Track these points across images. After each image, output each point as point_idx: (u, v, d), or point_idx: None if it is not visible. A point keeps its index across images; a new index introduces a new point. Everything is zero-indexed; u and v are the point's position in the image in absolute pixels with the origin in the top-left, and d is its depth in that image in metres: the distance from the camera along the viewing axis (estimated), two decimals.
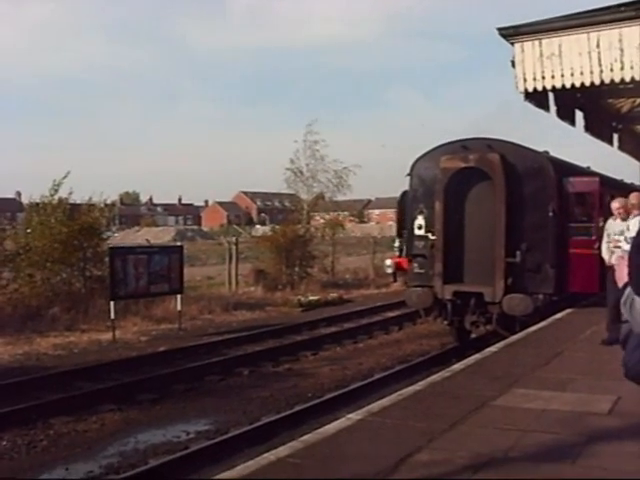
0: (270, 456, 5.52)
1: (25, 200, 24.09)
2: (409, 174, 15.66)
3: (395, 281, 20.29)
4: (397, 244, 19.91)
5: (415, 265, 15.05)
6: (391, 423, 6.42)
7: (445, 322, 14.82)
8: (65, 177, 21.34)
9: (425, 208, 14.92)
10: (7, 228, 21.62)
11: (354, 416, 6.67)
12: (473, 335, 15.07)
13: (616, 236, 10.04)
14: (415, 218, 15.11)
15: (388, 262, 19.70)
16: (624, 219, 9.99)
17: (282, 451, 5.64)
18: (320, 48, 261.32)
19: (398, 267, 19.56)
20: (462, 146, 14.59)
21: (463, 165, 14.29)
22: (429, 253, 14.66)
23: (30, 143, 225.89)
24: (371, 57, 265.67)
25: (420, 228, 15.01)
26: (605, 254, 10.51)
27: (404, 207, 19.89)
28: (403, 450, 5.51)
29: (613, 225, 10.39)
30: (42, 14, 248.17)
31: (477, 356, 9.83)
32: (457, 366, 9.05)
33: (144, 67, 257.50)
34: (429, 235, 14.73)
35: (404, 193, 21.32)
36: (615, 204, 10.36)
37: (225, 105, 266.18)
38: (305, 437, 6.05)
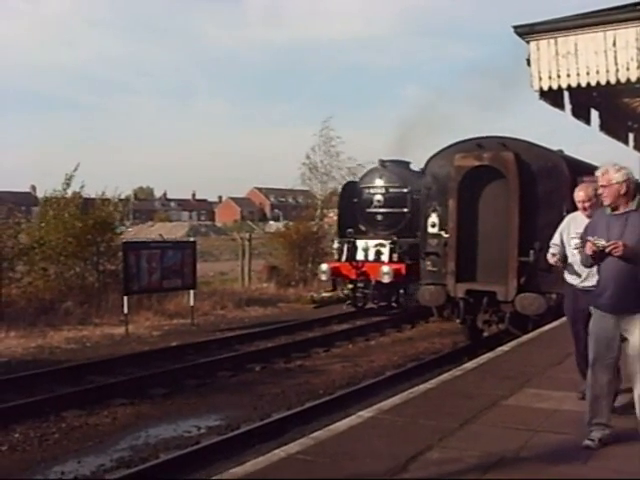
0: (280, 452, 5.53)
1: (40, 194, 24.14)
2: (423, 172, 15.64)
3: (334, 289, 19.76)
4: (336, 245, 19.52)
5: (428, 263, 15.01)
6: (402, 421, 6.42)
7: (457, 320, 14.78)
8: (75, 170, 21.44)
9: (439, 206, 14.89)
10: (22, 222, 21.69)
11: (365, 413, 6.67)
12: (485, 334, 15.04)
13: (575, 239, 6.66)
14: (429, 216, 15.08)
15: (324, 267, 19.05)
16: (590, 216, 6.50)
17: (293, 447, 5.64)
18: (336, 45, 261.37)
19: (336, 273, 19.03)
20: (476, 144, 14.54)
21: (477, 163, 14.24)
22: (442, 251, 14.62)
23: (45, 137, 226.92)
24: (387, 54, 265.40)
25: (433, 226, 14.98)
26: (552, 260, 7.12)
27: (347, 202, 19.74)
28: (414, 448, 5.50)
29: (575, 222, 6.93)
30: (58, 9, 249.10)
31: (489, 355, 9.81)
32: (469, 365, 9.03)
33: (160, 63, 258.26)
34: (442, 233, 14.70)
35: (347, 185, 20.36)
36: (580, 193, 6.98)
37: (240, 101, 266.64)
38: (316, 434, 6.05)
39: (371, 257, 18.75)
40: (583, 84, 11.13)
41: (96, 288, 20.04)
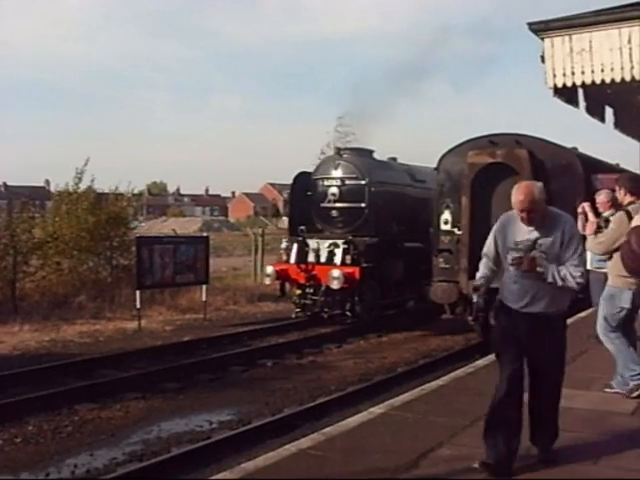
0: (292, 447, 5.55)
1: (54, 189, 24.26)
2: (436, 168, 15.62)
3: (283, 294, 17.33)
4: (284, 245, 17.10)
5: (441, 260, 14.99)
6: (413, 418, 6.43)
7: (469, 318, 14.74)
8: (86, 165, 21.53)
9: (452, 203, 14.87)
10: (36, 216, 21.80)
11: (376, 410, 6.68)
12: None
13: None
14: (442, 213, 15.05)
15: (268, 269, 16.89)
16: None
17: (304, 443, 5.66)
18: (352, 40, 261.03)
19: (282, 276, 16.71)
20: (490, 141, 14.52)
21: (491, 160, 14.21)
22: (455, 248, 14.60)
23: (61, 132, 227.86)
24: (404, 49, 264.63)
25: (446, 223, 14.95)
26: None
27: (299, 196, 17.52)
28: (424, 445, 5.51)
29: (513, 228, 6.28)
30: (76, 4, 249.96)
31: None
32: (481, 362, 9.01)
33: (175, 59, 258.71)
34: (455, 230, 14.68)
35: (299, 176, 17.81)
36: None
37: (256, 97, 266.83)
38: (327, 429, 6.07)
39: (323, 259, 16.37)
40: (597, 81, 11.10)
41: (109, 283, 20.15)
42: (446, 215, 14.97)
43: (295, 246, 16.64)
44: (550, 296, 4.95)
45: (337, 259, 16.07)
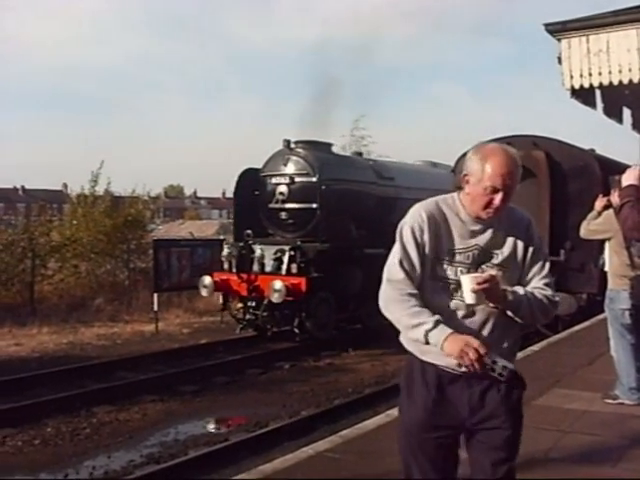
0: (309, 450, 5.55)
1: (71, 192, 24.48)
2: (453, 170, 15.56)
3: (225, 309, 15.37)
4: (226, 252, 14.97)
5: None
6: None
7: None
8: (101, 168, 21.68)
9: None
10: (53, 219, 21.97)
11: (394, 412, 6.65)
12: None
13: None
14: None
15: (205, 280, 14.64)
16: None
17: (321, 445, 5.66)
18: (365, 43, 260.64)
19: (222, 288, 14.76)
20: (507, 143, 14.38)
21: None
22: None
23: (77, 135, 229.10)
24: (418, 52, 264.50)
25: None
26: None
27: (246, 195, 15.59)
28: None
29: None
30: (92, 7, 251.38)
31: (519, 355, 9.72)
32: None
33: (191, 61, 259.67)
34: None
35: (245, 173, 15.91)
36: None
37: (271, 99, 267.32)
38: (344, 432, 6.07)
39: (269, 267, 14.41)
40: (615, 82, 11.03)
41: (127, 285, 20.26)
42: None
43: (238, 253, 14.74)
44: (512, 340, 3.08)
45: (283, 268, 14.25)
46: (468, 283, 2.90)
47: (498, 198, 2.98)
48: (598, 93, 12.24)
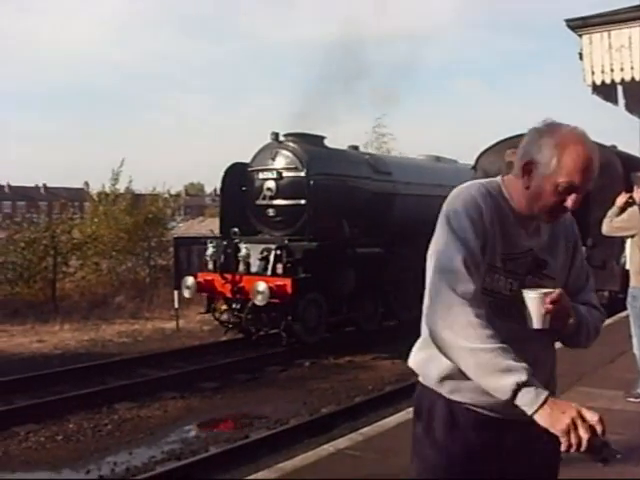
0: (329, 447, 5.56)
1: (93, 191, 24.68)
2: (474, 167, 15.51)
3: (208, 312, 14.65)
4: (210, 251, 14.14)
5: None
6: None
7: None
8: (121, 166, 21.81)
9: None
10: (75, 217, 22.14)
11: None
12: None
13: None
14: None
15: (188, 281, 13.92)
16: None
17: (341, 443, 5.67)
18: (387, 39, 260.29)
19: (206, 289, 14.07)
20: None
21: None
22: None
23: (99, 135, 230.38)
24: (439, 48, 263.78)
25: None
26: None
27: (233, 191, 14.91)
28: None
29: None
30: (115, 8, 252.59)
31: None
32: None
33: (213, 61, 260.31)
34: None
35: (232, 167, 15.11)
36: None
37: (293, 98, 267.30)
38: (365, 429, 6.07)
39: (255, 267, 13.57)
40: (637, 78, 10.94)
41: (147, 283, 20.35)
42: None
43: (223, 252, 14.03)
44: (552, 358, 2.58)
45: (269, 268, 13.44)
46: (537, 303, 2.23)
47: (572, 200, 2.25)
48: (620, 89, 12.15)
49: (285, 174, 14.13)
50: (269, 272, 13.31)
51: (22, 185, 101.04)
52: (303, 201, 13.76)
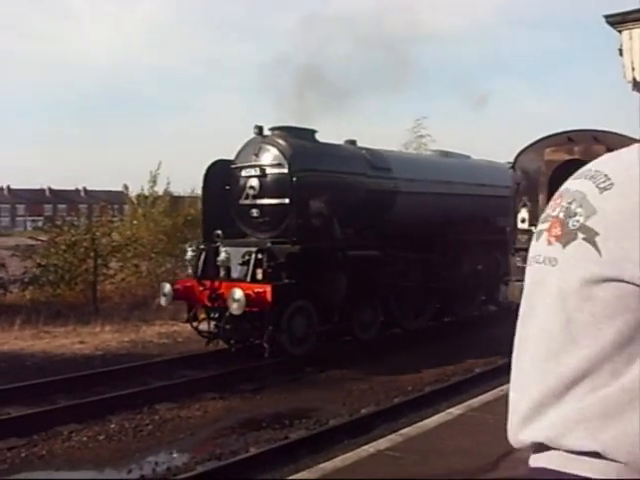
0: (369, 448, 5.55)
1: (132, 193, 24.95)
2: (512, 166, 15.38)
3: (187, 321, 13.68)
4: (190, 255, 13.56)
5: (518, 259, 14.74)
6: (492, 418, 6.33)
7: None
8: (159, 168, 21.97)
9: (529, 201, 14.59)
10: (114, 220, 22.36)
11: (454, 410, 6.62)
12: None
13: None
14: (518, 211, 14.79)
15: (165, 288, 13.12)
16: None
17: (382, 443, 5.65)
18: (426, 38, 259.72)
19: (183, 296, 13.31)
20: (567, 138, 14.21)
21: (568, 157, 13.90)
22: None
23: (139, 138, 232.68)
24: (479, 47, 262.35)
25: (523, 221, 14.66)
26: None
27: (216, 190, 13.87)
28: (504, 446, 5.41)
29: None
30: (147, 11, 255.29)
31: None
32: None
33: (246, 62, 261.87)
34: (532, 228, 14.39)
35: (214, 165, 14.18)
36: None
37: (331, 97, 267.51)
38: (405, 430, 6.05)
39: (236, 273, 12.67)
40: None
41: None
42: (523, 213, 14.70)
43: (202, 256, 13.22)
44: None
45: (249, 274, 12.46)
46: None
47: None
48: None
49: (269, 171, 13.09)
50: (249, 278, 12.38)
51: (63, 189, 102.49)
52: (286, 200, 12.74)
